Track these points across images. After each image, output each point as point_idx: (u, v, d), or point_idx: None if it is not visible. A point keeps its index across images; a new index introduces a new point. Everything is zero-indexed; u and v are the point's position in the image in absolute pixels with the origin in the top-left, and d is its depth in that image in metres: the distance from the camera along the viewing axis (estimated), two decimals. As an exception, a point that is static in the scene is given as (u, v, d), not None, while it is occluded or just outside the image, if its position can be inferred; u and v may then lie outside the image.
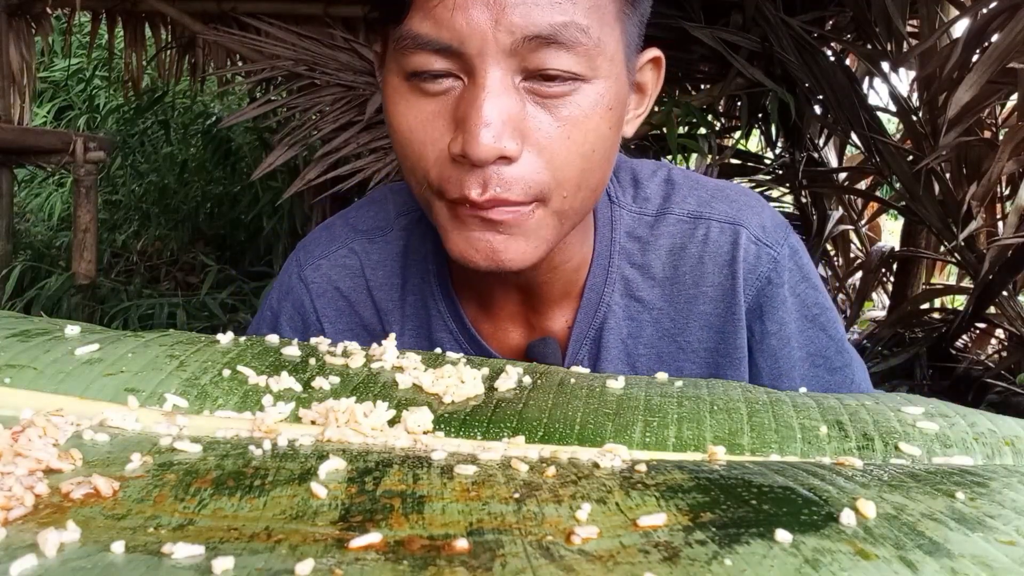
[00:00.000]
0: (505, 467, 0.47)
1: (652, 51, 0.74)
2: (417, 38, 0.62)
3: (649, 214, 0.81)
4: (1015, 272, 2.44)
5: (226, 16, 3.10)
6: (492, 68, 0.61)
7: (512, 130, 0.62)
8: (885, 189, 3.64)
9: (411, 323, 0.85)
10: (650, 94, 0.76)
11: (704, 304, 0.80)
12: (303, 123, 2.26)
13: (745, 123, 2.68)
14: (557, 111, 0.63)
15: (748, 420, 0.57)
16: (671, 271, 0.80)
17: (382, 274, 0.86)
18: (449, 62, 0.62)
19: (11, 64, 3.46)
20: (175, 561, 0.34)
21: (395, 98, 0.66)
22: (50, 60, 5.88)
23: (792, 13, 2.37)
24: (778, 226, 0.81)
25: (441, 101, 0.64)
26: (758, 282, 0.79)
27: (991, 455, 0.55)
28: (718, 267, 0.79)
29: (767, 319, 0.80)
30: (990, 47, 1.92)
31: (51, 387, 0.55)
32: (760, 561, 0.35)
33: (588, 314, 0.81)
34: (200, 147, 4.90)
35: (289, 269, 0.88)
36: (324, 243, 0.88)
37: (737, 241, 0.78)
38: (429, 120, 0.64)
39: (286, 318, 0.87)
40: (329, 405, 0.55)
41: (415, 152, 0.66)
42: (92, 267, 3.44)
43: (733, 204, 0.80)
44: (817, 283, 0.83)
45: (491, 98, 0.61)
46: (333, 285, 0.86)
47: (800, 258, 0.81)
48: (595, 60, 0.63)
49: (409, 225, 0.86)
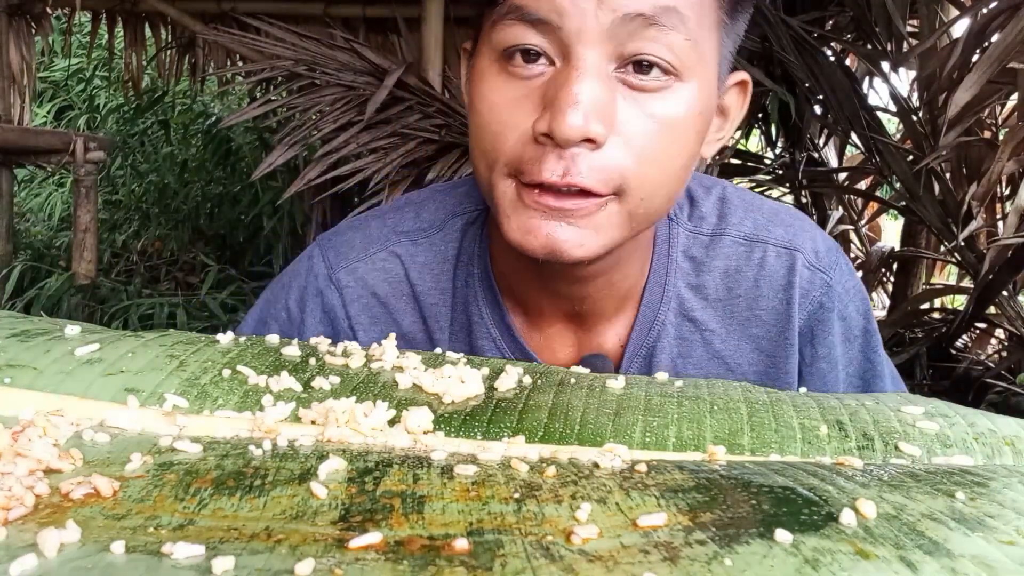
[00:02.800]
0: (505, 467, 0.47)
1: (740, 74, 0.73)
2: (517, 10, 0.61)
3: (704, 233, 0.80)
4: (1015, 272, 2.44)
5: (226, 16, 3.10)
6: (588, 50, 0.60)
7: (601, 115, 0.61)
8: (885, 189, 3.64)
9: (457, 326, 0.82)
10: (732, 119, 0.74)
11: (757, 327, 0.79)
12: (303, 123, 2.26)
13: (745, 123, 2.68)
14: (647, 106, 0.63)
15: (748, 420, 0.57)
16: (725, 293, 0.79)
17: (430, 278, 0.82)
18: (545, 39, 0.62)
19: (11, 64, 3.46)
20: (175, 561, 0.34)
21: (482, 79, 0.66)
22: (50, 60, 5.88)
23: (792, 13, 2.37)
24: (830, 250, 0.81)
25: (529, 85, 0.63)
26: (811, 306, 0.79)
27: (991, 455, 0.55)
28: (773, 291, 0.79)
29: (818, 343, 0.80)
30: (990, 47, 1.92)
31: (51, 387, 0.55)
32: (760, 561, 0.35)
33: (643, 332, 0.79)
34: (200, 147, 4.90)
35: (313, 270, 0.83)
36: (359, 245, 0.82)
37: (793, 266, 0.78)
38: (515, 101, 0.63)
39: (313, 320, 0.82)
40: (329, 405, 0.55)
41: (494, 132, 0.65)
42: (92, 267, 3.44)
43: (789, 229, 0.80)
44: (863, 305, 0.83)
45: (584, 79, 0.60)
46: (370, 290, 0.81)
47: (848, 281, 0.81)
48: (690, 57, 0.62)
49: (464, 226, 0.82)
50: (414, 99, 2.23)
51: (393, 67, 2.23)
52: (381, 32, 3.08)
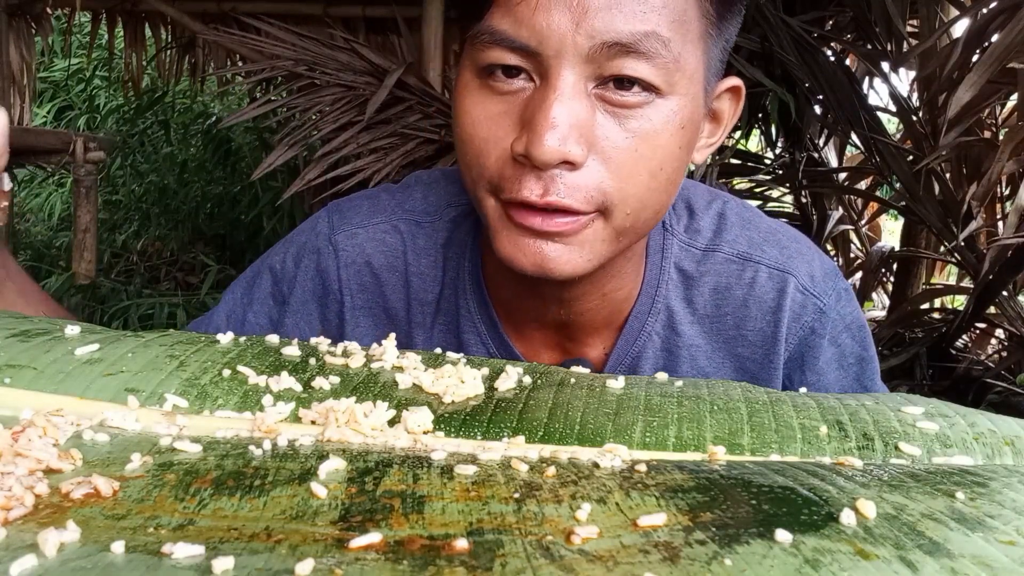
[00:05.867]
0: (505, 467, 0.47)
1: (732, 80, 0.72)
2: (496, 34, 0.61)
3: (698, 247, 0.79)
4: (1015, 272, 2.44)
5: (226, 16, 3.10)
6: (566, 71, 0.60)
7: (579, 136, 0.61)
8: (885, 189, 3.63)
9: (443, 318, 0.82)
10: (725, 124, 0.74)
11: (743, 348, 0.78)
12: (303, 123, 2.26)
13: (745, 123, 2.68)
14: (627, 123, 0.62)
15: (748, 420, 0.57)
16: (713, 310, 0.79)
17: (426, 262, 0.82)
18: (524, 61, 0.61)
19: (11, 64, 3.46)
20: (175, 561, 0.34)
21: (464, 93, 0.66)
22: (50, 60, 5.88)
23: (792, 13, 2.36)
24: (827, 275, 0.79)
25: (510, 101, 0.63)
26: (801, 331, 0.78)
27: (991, 455, 0.55)
28: (762, 313, 0.78)
29: (807, 369, 0.79)
30: (990, 47, 1.92)
31: (51, 387, 0.55)
32: (760, 561, 0.35)
33: (628, 341, 0.79)
34: (200, 147, 4.90)
35: (316, 228, 0.83)
36: (365, 213, 0.83)
37: (784, 289, 0.77)
38: (495, 118, 0.63)
39: (306, 277, 0.83)
40: (329, 405, 0.55)
41: (476, 148, 0.65)
42: (92, 267, 3.43)
43: (784, 251, 0.79)
44: (860, 332, 0.81)
45: (561, 100, 0.60)
46: (365, 258, 0.82)
47: (844, 307, 0.80)
48: (673, 75, 0.62)
49: (457, 218, 0.83)
50: (414, 99, 2.23)
51: (393, 67, 2.23)
52: (381, 32, 3.08)
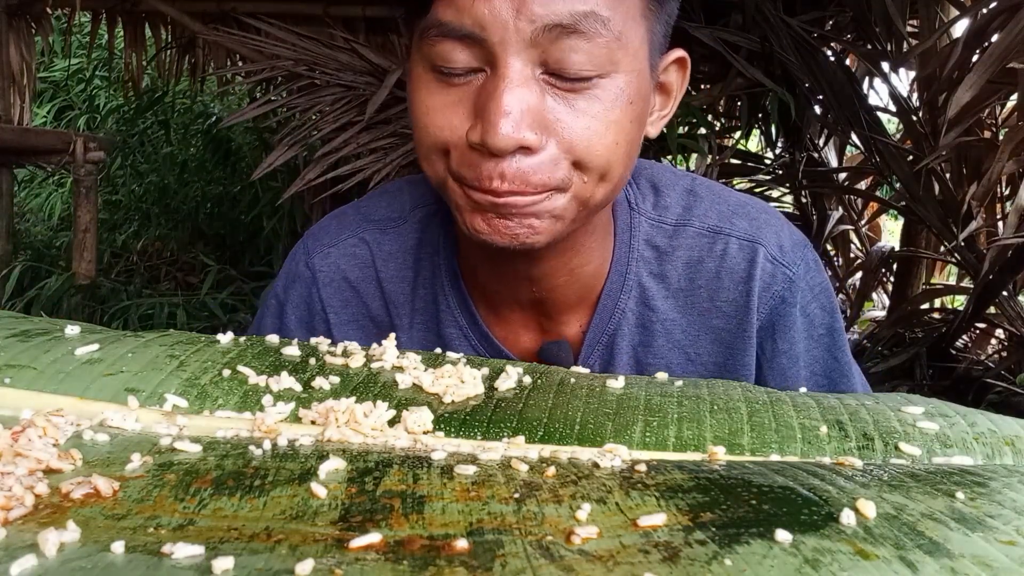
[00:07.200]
0: (505, 467, 0.47)
1: (677, 52, 0.74)
2: (441, 26, 0.63)
3: (668, 223, 0.81)
4: (1015, 272, 2.44)
5: (226, 16, 3.10)
6: (513, 58, 0.61)
7: (532, 121, 0.62)
8: (885, 189, 3.64)
9: (420, 317, 0.84)
10: (675, 95, 0.76)
11: (717, 319, 0.80)
12: (303, 123, 2.26)
13: (745, 123, 2.68)
14: (577, 104, 0.64)
15: (748, 420, 0.57)
16: (687, 283, 0.80)
17: (393, 266, 0.85)
18: (471, 53, 0.63)
19: (11, 64, 3.46)
20: (175, 561, 0.34)
21: (418, 85, 0.67)
22: (50, 60, 5.88)
23: (792, 13, 2.36)
24: (796, 245, 0.81)
25: (463, 90, 0.64)
26: (772, 300, 0.79)
27: (991, 455, 0.55)
28: (734, 283, 0.79)
29: (779, 338, 0.80)
30: (990, 47, 1.92)
31: (51, 387, 0.55)
32: (760, 561, 0.35)
33: (603, 319, 0.80)
34: (200, 147, 4.90)
35: (296, 256, 0.88)
36: (334, 231, 0.87)
37: (755, 259, 0.78)
38: (450, 106, 0.65)
39: (292, 306, 0.86)
40: (329, 405, 0.55)
41: (432, 136, 0.66)
42: (92, 267, 3.44)
43: (753, 222, 0.80)
44: (828, 303, 0.83)
45: (511, 88, 0.61)
46: (341, 275, 0.85)
47: (813, 277, 0.81)
48: (615, 54, 0.63)
49: (425, 218, 0.85)
50: (414, 99, 2.22)
51: (393, 67, 2.23)
52: (381, 32, 3.08)
